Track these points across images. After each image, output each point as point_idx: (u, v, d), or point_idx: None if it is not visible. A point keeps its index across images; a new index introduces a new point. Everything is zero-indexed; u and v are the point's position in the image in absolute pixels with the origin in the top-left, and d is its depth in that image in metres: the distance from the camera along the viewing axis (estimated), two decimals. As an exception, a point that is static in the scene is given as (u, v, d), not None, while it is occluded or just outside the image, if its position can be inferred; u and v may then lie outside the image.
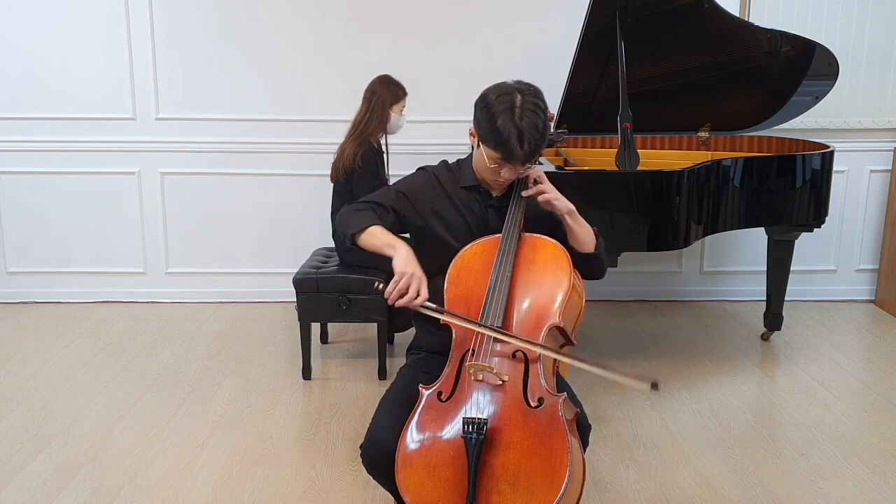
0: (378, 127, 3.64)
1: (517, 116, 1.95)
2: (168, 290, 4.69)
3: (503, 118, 1.95)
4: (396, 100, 3.67)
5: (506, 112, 1.95)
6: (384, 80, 3.69)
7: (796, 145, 4.03)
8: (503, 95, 1.98)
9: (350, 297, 3.53)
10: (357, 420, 3.21)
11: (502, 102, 1.97)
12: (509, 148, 1.96)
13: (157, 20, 4.40)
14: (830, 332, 4.24)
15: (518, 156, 1.98)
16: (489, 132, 1.98)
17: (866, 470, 2.83)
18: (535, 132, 1.96)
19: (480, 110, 2.02)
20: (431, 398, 1.89)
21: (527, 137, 1.96)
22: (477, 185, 2.17)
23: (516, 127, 1.95)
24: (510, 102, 1.97)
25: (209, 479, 2.76)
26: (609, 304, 4.66)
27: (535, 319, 1.95)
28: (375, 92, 3.64)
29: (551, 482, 1.71)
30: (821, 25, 4.42)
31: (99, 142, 4.52)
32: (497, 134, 1.96)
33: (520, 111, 1.96)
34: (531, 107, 1.97)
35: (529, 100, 1.98)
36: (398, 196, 2.18)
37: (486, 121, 1.99)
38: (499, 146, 1.98)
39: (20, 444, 2.99)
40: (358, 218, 2.13)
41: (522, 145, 1.96)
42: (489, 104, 1.99)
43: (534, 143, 1.97)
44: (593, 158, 4.06)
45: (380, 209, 2.16)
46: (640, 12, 3.63)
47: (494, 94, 2.00)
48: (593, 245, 2.17)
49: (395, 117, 3.67)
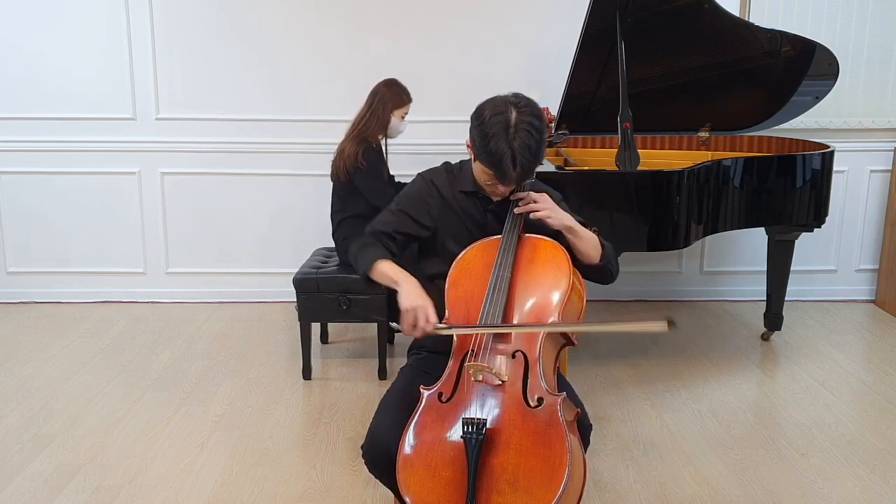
0: (378, 128, 3.63)
1: (510, 137, 1.95)
2: (168, 290, 4.69)
3: (496, 140, 1.96)
4: (400, 104, 3.65)
5: (499, 134, 1.96)
6: (390, 83, 3.68)
7: (796, 145, 4.03)
8: (497, 115, 1.98)
9: (350, 297, 3.53)
10: (357, 420, 3.21)
11: (496, 123, 1.97)
12: (502, 169, 1.98)
13: (157, 20, 4.40)
14: (830, 332, 4.24)
15: (511, 177, 1.99)
16: (482, 152, 2.00)
17: (866, 470, 2.83)
18: (528, 153, 1.97)
19: (475, 128, 2.02)
20: (432, 399, 1.89)
21: (519, 160, 1.96)
22: (476, 192, 2.18)
23: (509, 148, 1.95)
24: (504, 122, 1.96)
25: (209, 479, 2.76)
26: (609, 304, 4.66)
27: (535, 319, 1.96)
28: (378, 93, 3.63)
29: (550, 481, 1.71)
30: (821, 25, 4.42)
31: (99, 142, 4.52)
32: (490, 155, 1.97)
33: (513, 131, 1.96)
34: (525, 126, 1.97)
35: (524, 119, 1.97)
36: (398, 216, 2.20)
37: (479, 139, 2.00)
38: (492, 166, 2.00)
39: (20, 444, 2.99)
40: (365, 255, 2.14)
41: (515, 167, 1.97)
42: (483, 123, 1.99)
43: (526, 165, 1.98)
44: (593, 158, 4.06)
45: (385, 239, 2.18)
46: (640, 12, 3.63)
47: (489, 111, 1.99)
48: (598, 255, 2.16)
49: (396, 122, 3.66)
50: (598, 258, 2.16)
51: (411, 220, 2.19)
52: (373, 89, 3.66)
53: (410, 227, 2.20)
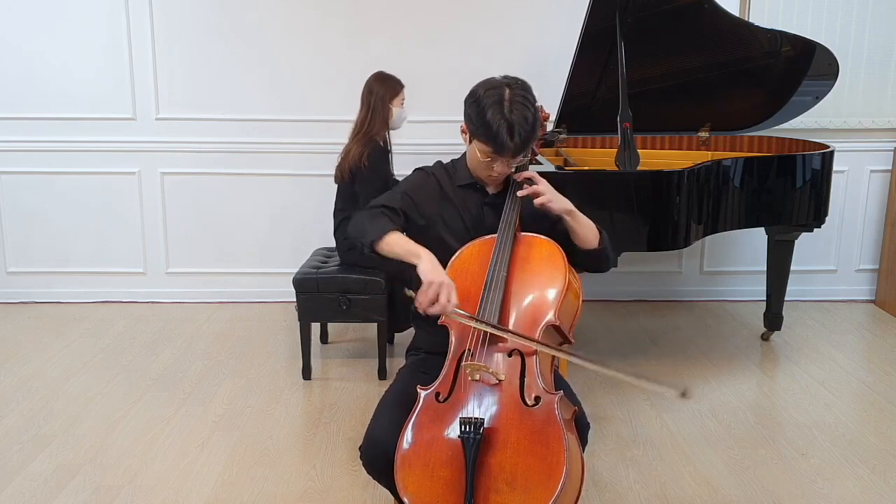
0: (382, 125, 3.63)
1: (506, 109, 1.97)
2: (168, 290, 4.69)
3: (492, 111, 1.97)
4: (395, 94, 3.65)
5: (495, 105, 1.98)
6: (379, 77, 3.68)
7: (796, 145, 4.03)
8: (491, 90, 2.00)
9: (350, 297, 3.53)
10: (357, 420, 3.21)
11: (491, 96, 1.99)
12: (500, 140, 1.98)
13: (157, 20, 4.40)
14: (830, 332, 4.24)
15: (509, 147, 1.99)
16: (479, 125, 2.00)
17: (866, 470, 2.83)
18: (525, 124, 1.98)
19: (470, 105, 2.04)
20: (429, 399, 1.89)
21: (517, 129, 1.97)
22: (473, 183, 2.18)
23: (506, 119, 1.97)
24: (499, 96, 1.99)
25: (209, 479, 2.76)
26: (609, 304, 4.66)
27: (532, 318, 1.96)
28: (373, 91, 3.63)
29: (548, 480, 1.71)
30: (821, 25, 4.41)
31: (99, 142, 4.52)
32: (487, 127, 1.98)
33: (509, 104, 1.98)
34: (520, 99, 1.99)
35: (518, 93, 2.00)
36: (403, 196, 2.18)
37: (475, 115, 2.01)
38: (489, 139, 2.00)
39: (20, 444, 2.99)
40: (375, 225, 2.08)
41: (513, 137, 1.98)
42: (478, 98, 2.01)
43: (524, 135, 1.99)
44: (593, 158, 4.06)
45: (391, 213, 2.13)
46: (640, 12, 3.63)
47: (483, 88, 2.02)
48: (597, 241, 2.17)
49: (397, 111, 3.66)
50: (596, 242, 2.16)
51: (413, 203, 2.18)
52: (365, 88, 3.66)
53: (413, 211, 2.17)
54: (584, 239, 2.14)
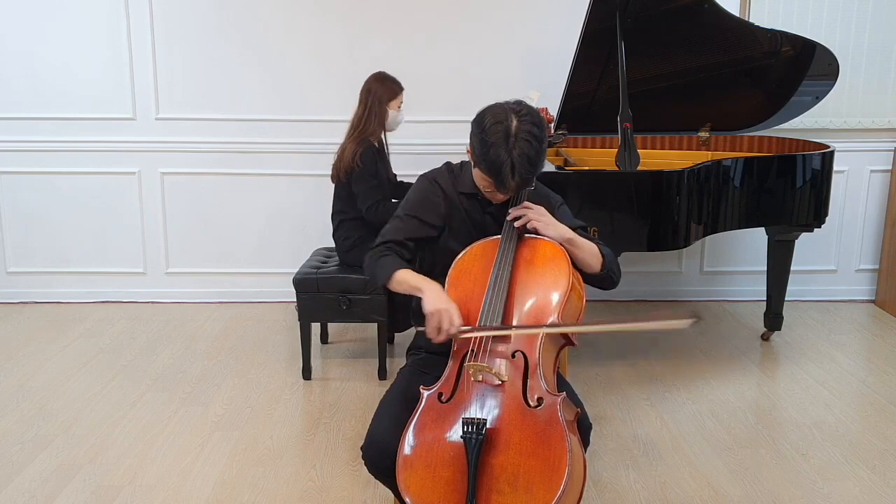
0: (377, 125, 3.62)
1: (510, 146, 1.96)
2: (168, 290, 4.69)
3: (496, 149, 1.96)
4: (393, 96, 3.64)
5: (499, 142, 1.96)
6: (379, 77, 3.67)
7: (796, 145, 4.03)
8: (497, 124, 1.98)
9: (350, 297, 3.53)
10: (357, 420, 3.21)
11: (496, 132, 1.97)
12: (501, 178, 1.99)
13: (157, 20, 4.39)
14: (830, 332, 4.24)
15: (510, 186, 2.01)
16: (482, 159, 2.01)
17: (866, 470, 2.83)
18: (527, 163, 1.97)
19: (475, 135, 2.03)
20: (432, 399, 1.89)
21: (518, 170, 1.97)
22: (475, 193, 2.19)
23: (509, 158, 1.96)
24: (504, 131, 1.97)
25: (209, 479, 2.76)
26: (609, 304, 4.66)
27: (534, 319, 1.96)
28: (371, 90, 3.62)
29: (550, 481, 1.71)
30: (821, 25, 4.42)
31: (99, 142, 4.52)
32: (490, 163, 1.98)
33: (513, 140, 1.96)
34: (525, 135, 1.97)
35: (524, 127, 1.97)
36: (407, 222, 2.20)
37: (479, 147, 2.01)
38: (491, 175, 2.01)
39: (20, 444, 2.99)
40: (382, 267, 2.14)
41: (514, 176, 1.98)
42: (483, 131, 1.99)
43: (525, 175, 1.99)
44: (593, 158, 4.07)
45: (398, 248, 2.18)
46: (640, 12, 3.63)
47: (490, 119, 2.00)
48: (599, 265, 2.15)
49: (394, 114, 3.65)
50: (598, 267, 2.15)
51: (420, 222, 2.20)
52: (363, 87, 3.65)
53: (421, 231, 2.20)
54: (586, 265, 2.14)
